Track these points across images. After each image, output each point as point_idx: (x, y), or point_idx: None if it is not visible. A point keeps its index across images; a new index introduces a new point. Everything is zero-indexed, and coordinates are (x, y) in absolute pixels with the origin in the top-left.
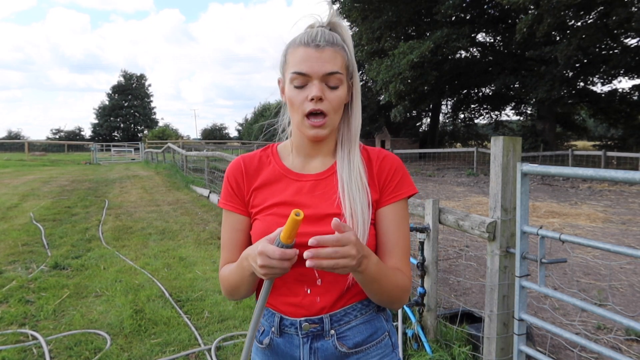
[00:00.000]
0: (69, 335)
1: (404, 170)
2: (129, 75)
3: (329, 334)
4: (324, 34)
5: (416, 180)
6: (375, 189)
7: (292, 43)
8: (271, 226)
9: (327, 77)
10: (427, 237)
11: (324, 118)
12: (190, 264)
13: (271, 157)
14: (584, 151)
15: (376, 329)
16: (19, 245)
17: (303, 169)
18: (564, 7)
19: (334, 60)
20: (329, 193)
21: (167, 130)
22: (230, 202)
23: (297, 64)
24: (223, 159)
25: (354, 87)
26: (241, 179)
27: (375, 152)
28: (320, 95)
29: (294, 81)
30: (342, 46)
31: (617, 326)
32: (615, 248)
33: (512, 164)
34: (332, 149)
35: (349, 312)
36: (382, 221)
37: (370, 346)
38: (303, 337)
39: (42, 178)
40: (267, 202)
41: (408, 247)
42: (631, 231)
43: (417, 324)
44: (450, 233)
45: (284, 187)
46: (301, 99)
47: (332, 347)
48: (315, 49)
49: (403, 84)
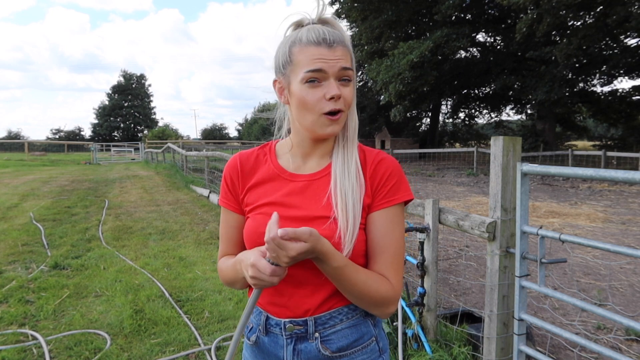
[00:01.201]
0: (69, 335)
1: (400, 175)
2: (129, 75)
3: (312, 337)
4: (329, 32)
5: (416, 180)
6: (367, 192)
7: (298, 42)
8: (260, 225)
9: (342, 73)
10: (427, 237)
11: (339, 114)
12: (190, 264)
13: (268, 156)
14: (584, 151)
15: (362, 334)
16: (18, 245)
17: (298, 168)
18: (564, 7)
19: (345, 57)
20: (320, 194)
21: (167, 130)
22: (226, 200)
23: (311, 63)
24: (223, 159)
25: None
26: (236, 177)
27: (373, 154)
28: (340, 93)
29: (307, 80)
30: (347, 44)
31: (617, 326)
32: (615, 248)
33: (512, 164)
34: (329, 149)
35: (335, 316)
36: (372, 226)
37: (355, 351)
38: (287, 337)
39: (42, 178)
40: (259, 201)
41: (399, 254)
42: (631, 231)
43: (417, 324)
44: (450, 233)
45: (277, 187)
46: (317, 98)
47: (315, 350)
48: (328, 47)
49: (403, 84)
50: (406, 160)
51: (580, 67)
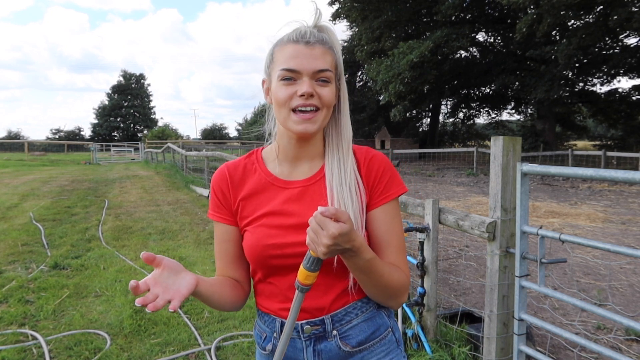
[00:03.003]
0: (69, 335)
1: (392, 169)
2: (129, 75)
3: (331, 335)
4: (312, 33)
5: (416, 180)
6: (365, 192)
7: (280, 41)
8: (261, 238)
9: (317, 74)
10: (427, 237)
11: (314, 112)
12: (190, 264)
13: (256, 164)
14: (584, 151)
15: (378, 325)
16: (18, 245)
17: (290, 175)
18: (564, 7)
19: (324, 57)
20: (318, 199)
21: (166, 130)
22: (217, 213)
23: (287, 61)
24: (223, 159)
25: (341, 90)
26: (227, 188)
27: (363, 152)
28: (311, 91)
29: (282, 78)
30: (330, 46)
31: (617, 326)
32: (615, 248)
33: (512, 164)
34: (319, 152)
35: (350, 311)
36: (374, 223)
37: (374, 343)
38: (305, 339)
39: (42, 178)
40: (256, 213)
41: (402, 245)
42: (631, 231)
43: (417, 324)
44: (450, 233)
45: (272, 196)
46: (288, 94)
47: (335, 348)
48: (305, 45)
49: (403, 84)
50: (406, 160)
51: (581, 67)
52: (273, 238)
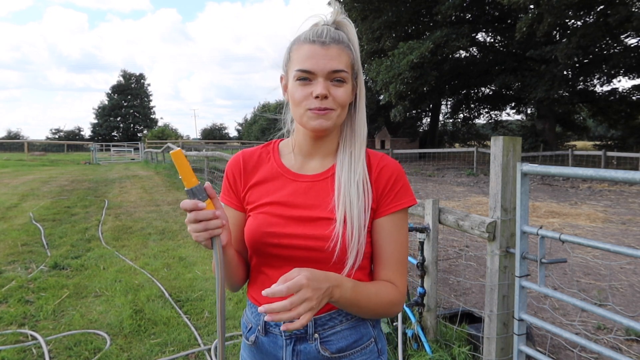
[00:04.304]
0: (69, 336)
1: (404, 180)
2: (129, 75)
3: (312, 338)
4: (329, 32)
5: (416, 180)
6: (373, 197)
7: (297, 40)
8: (262, 224)
9: (332, 75)
10: (427, 237)
11: (330, 110)
12: (190, 264)
13: (271, 154)
14: (584, 151)
15: (362, 335)
16: (18, 245)
17: (301, 168)
18: (564, 7)
19: (340, 57)
20: (324, 196)
21: (166, 130)
22: (227, 197)
23: (302, 61)
24: (223, 159)
25: (359, 87)
26: (238, 174)
27: (377, 158)
28: (326, 93)
29: (298, 78)
30: (347, 44)
31: (617, 326)
32: (615, 248)
33: (512, 164)
34: (333, 150)
35: (334, 317)
36: (379, 232)
37: (354, 352)
38: (286, 338)
39: (42, 178)
40: (262, 200)
41: (404, 258)
42: (631, 231)
43: (417, 324)
44: (450, 233)
45: (280, 186)
46: (304, 95)
47: (315, 351)
48: (320, 46)
49: (403, 84)
50: (406, 160)
51: (581, 67)
52: (273, 226)
